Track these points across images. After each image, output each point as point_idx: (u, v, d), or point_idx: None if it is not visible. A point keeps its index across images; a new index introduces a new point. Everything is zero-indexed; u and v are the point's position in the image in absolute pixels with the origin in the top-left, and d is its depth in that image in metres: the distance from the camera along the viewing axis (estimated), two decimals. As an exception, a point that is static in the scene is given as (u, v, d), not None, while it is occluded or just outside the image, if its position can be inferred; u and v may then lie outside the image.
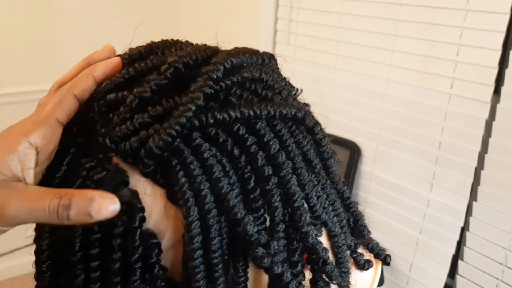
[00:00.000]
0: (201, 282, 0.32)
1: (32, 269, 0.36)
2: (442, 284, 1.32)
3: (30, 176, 0.33)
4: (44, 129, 0.34)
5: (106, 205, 0.31)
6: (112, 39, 0.44)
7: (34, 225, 0.38)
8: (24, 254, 1.94)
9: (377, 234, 0.47)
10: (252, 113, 0.34)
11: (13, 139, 0.33)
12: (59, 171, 0.35)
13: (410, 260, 1.40)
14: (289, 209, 0.35)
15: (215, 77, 0.34)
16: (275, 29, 1.67)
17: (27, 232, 1.89)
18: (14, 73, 1.80)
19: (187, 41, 0.40)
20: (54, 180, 0.35)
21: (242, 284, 0.34)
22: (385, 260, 0.49)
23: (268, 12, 1.66)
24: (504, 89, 1.12)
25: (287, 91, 0.40)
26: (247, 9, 1.76)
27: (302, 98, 0.43)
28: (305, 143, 0.37)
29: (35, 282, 0.37)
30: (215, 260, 0.32)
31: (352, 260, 0.44)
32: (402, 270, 1.42)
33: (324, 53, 1.52)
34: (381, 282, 1.48)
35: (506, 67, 1.11)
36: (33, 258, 0.37)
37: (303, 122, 0.37)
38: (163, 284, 0.34)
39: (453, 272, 1.32)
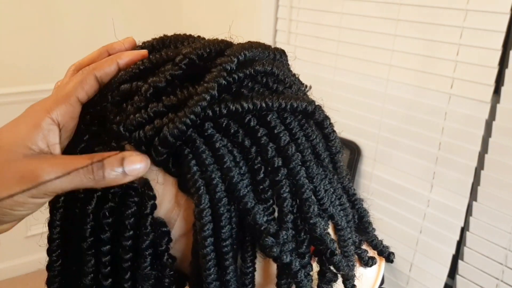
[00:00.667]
0: (212, 270, 0.32)
1: (32, 269, 0.37)
2: (442, 284, 1.33)
3: (57, 151, 0.34)
4: (65, 107, 0.34)
5: (137, 162, 0.33)
6: (113, 39, 0.44)
7: (34, 226, 0.38)
8: (24, 254, 1.93)
9: (377, 234, 0.48)
10: (264, 104, 0.34)
11: (36, 116, 0.34)
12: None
13: (410, 260, 1.40)
14: (297, 200, 0.35)
15: (229, 68, 0.34)
16: (275, 29, 1.68)
17: (27, 232, 1.89)
18: (14, 73, 1.80)
19: (199, 36, 0.41)
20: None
21: (250, 274, 0.34)
22: (389, 257, 0.49)
23: (268, 12, 1.66)
24: (504, 89, 1.13)
25: (297, 86, 0.40)
26: (247, 9, 1.77)
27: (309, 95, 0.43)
28: (314, 137, 0.38)
29: (35, 282, 0.37)
30: (226, 249, 0.33)
31: (356, 256, 0.44)
32: (402, 270, 1.43)
33: (324, 53, 1.52)
34: (381, 282, 1.47)
35: (506, 67, 1.11)
36: (33, 258, 0.37)
37: (313, 116, 0.38)
38: (171, 273, 0.34)
39: (453, 272, 1.32)
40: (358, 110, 1.46)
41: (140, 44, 0.41)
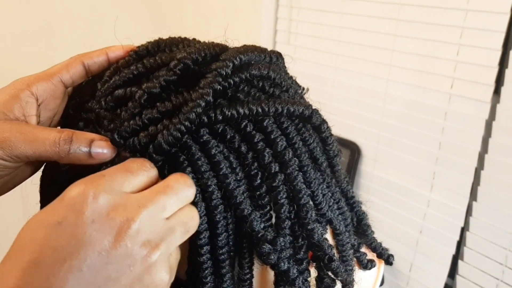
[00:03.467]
0: (209, 278, 0.32)
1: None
2: (442, 284, 1.32)
3: (32, 121, 0.36)
4: (46, 84, 0.36)
5: (105, 147, 0.33)
6: (113, 39, 0.44)
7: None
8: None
9: (377, 234, 0.47)
10: (260, 110, 0.34)
11: (17, 87, 0.36)
12: (65, 165, 0.35)
13: (410, 260, 1.40)
14: (295, 206, 0.35)
15: (224, 73, 0.34)
16: (275, 29, 1.67)
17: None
18: (14, 73, 1.80)
19: (194, 39, 0.40)
20: (60, 174, 0.35)
21: (248, 281, 0.34)
22: (388, 260, 0.49)
23: (268, 12, 1.66)
24: (504, 89, 1.12)
25: (294, 89, 0.40)
26: (247, 9, 1.76)
27: (306, 97, 0.43)
28: (312, 141, 0.37)
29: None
30: (222, 256, 0.32)
31: (355, 259, 0.44)
32: (402, 270, 1.42)
33: (325, 53, 1.52)
34: (381, 282, 1.47)
35: (506, 67, 1.11)
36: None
37: (310, 120, 0.37)
38: None
39: (453, 272, 1.32)
40: (358, 110, 1.46)
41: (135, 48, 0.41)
